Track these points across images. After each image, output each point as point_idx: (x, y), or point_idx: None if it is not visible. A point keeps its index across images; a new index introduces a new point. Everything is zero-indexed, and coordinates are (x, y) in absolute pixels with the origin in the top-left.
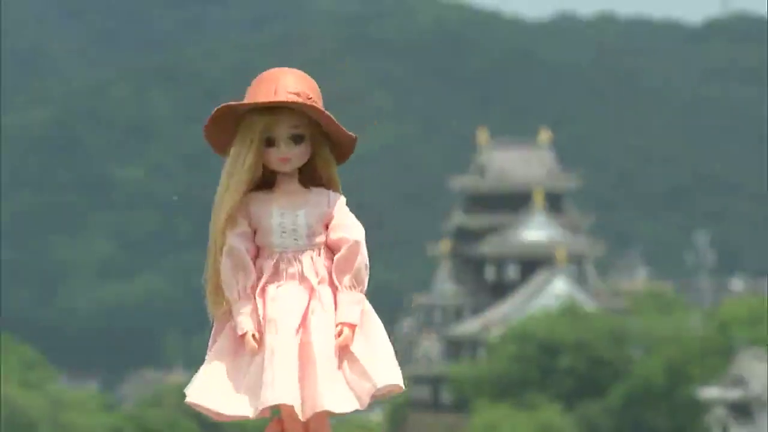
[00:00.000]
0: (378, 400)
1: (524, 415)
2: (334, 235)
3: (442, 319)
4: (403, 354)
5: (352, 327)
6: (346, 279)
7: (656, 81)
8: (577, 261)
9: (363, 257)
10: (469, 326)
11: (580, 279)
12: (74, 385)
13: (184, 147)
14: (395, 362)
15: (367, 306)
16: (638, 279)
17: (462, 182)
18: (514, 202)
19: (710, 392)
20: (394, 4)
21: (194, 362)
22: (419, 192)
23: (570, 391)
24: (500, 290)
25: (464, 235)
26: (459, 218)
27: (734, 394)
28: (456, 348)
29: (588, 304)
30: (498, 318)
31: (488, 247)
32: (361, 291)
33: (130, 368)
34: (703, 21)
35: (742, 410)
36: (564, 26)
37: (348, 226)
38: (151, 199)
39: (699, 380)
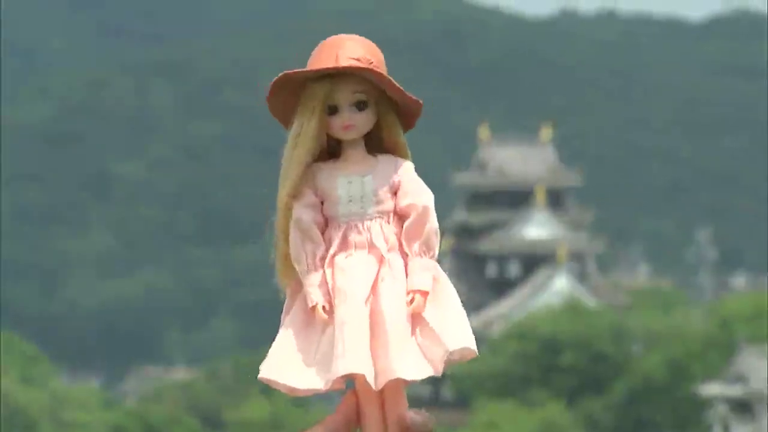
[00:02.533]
0: (452, 365)
1: (526, 412)
2: (402, 201)
3: None
4: None
5: (424, 294)
6: (416, 245)
7: (657, 78)
8: (578, 258)
9: (432, 223)
10: (470, 323)
11: (581, 276)
12: (75, 382)
13: (186, 141)
14: (468, 327)
15: (440, 272)
16: (639, 275)
17: (463, 179)
18: (515, 198)
19: (711, 388)
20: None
21: (195, 358)
22: None
23: (572, 387)
24: (501, 287)
25: (465, 232)
26: (460, 215)
27: (735, 390)
28: None
29: (589, 300)
30: (499, 315)
31: (489, 244)
32: (432, 257)
33: (132, 364)
34: (704, 18)
35: (743, 406)
36: (565, 23)
37: (416, 192)
38: (152, 194)
39: (700, 376)
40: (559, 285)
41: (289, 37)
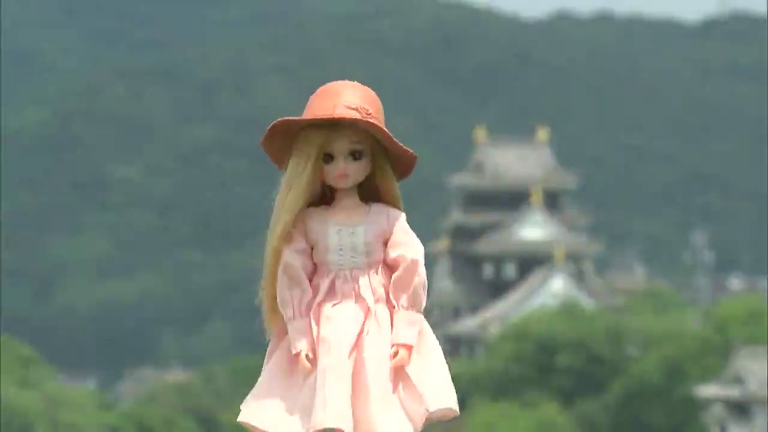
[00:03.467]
0: (432, 422)
1: (523, 414)
2: (392, 253)
3: (439, 317)
4: None
5: (408, 348)
6: (403, 299)
7: (653, 80)
8: (574, 259)
9: (421, 277)
10: (466, 324)
11: (578, 277)
12: (71, 384)
13: (182, 146)
14: (451, 385)
15: (425, 326)
16: (636, 277)
17: (459, 180)
18: (511, 200)
19: (708, 390)
20: (392, 2)
21: (191, 361)
22: (416, 190)
23: (568, 388)
24: (498, 288)
25: (462, 233)
26: (457, 216)
27: (732, 392)
28: (454, 346)
29: (586, 302)
30: (496, 316)
31: (486, 245)
32: (418, 311)
33: (128, 367)
34: (700, 19)
35: (740, 408)
36: (561, 25)
37: (407, 244)
38: (148, 199)
39: (696, 378)
40: (556, 286)
41: (285, 42)
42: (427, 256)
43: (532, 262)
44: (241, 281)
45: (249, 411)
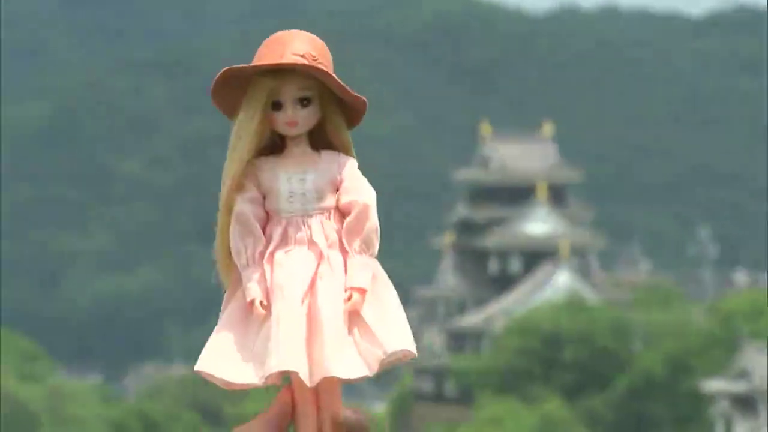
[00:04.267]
0: (388, 367)
1: (528, 409)
2: (344, 198)
3: (445, 311)
4: None
5: (362, 291)
6: (356, 243)
7: (658, 73)
8: (579, 253)
9: (373, 221)
10: (472, 319)
11: (582, 271)
12: (75, 378)
13: (183, 139)
14: (408, 327)
15: (380, 270)
16: (640, 272)
17: (465, 175)
18: (517, 194)
19: (714, 385)
20: None
21: (195, 355)
22: (422, 184)
23: (573, 383)
24: (503, 283)
25: (467, 228)
26: (462, 211)
27: (738, 386)
28: (459, 340)
29: (590, 296)
30: (501, 310)
31: (491, 239)
32: (371, 255)
33: (131, 361)
34: (704, 13)
35: (745, 403)
36: (566, 19)
37: (358, 189)
38: (150, 192)
39: (702, 373)
40: (561, 281)
41: None
42: (432, 251)
43: (537, 256)
44: None
45: (206, 361)
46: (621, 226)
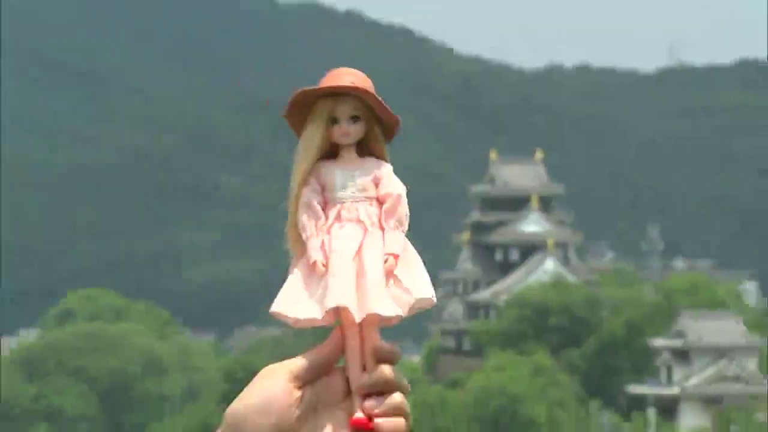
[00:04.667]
0: (415, 311)
1: (523, 360)
2: (382, 191)
3: (463, 289)
4: (435, 315)
5: (396, 256)
6: (391, 222)
7: (622, 118)
8: (562, 247)
9: (404, 207)
10: (483, 295)
11: (564, 260)
12: (196, 337)
13: (277, 160)
14: (429, 283)
15: (408, 243)
16: (606, 260)
17: (477, 189)
18: (516, 204)
19: (659, 342)
20: (425, 60)
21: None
22: (445, 196)
23: (557, 342)
24: (506, 268)
25: (479, 228)
26: (475, 216)
27: (676, 343)
28: (474, 310)
29: (570, 278)
30: (504, 289)
31: (497, 237)
32: (402, 231)
33: (237, 324)
34: (655, 69)
35: (682, 355)
36: (554, 75)
37: (393, 184)
38: (249, 202)
39: (651, 333)
40: (548, 267)
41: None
42: (454, 245)
43: (531, 249)
44: None
45: (278, 304)
46: (593, 227)
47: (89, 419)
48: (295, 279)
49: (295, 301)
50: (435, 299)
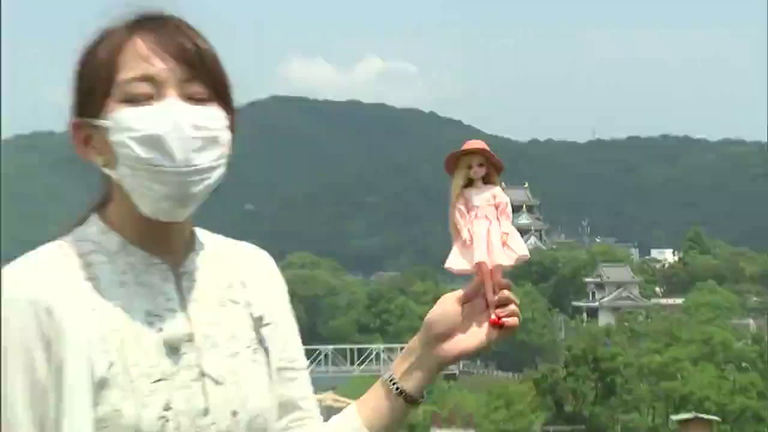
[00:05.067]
0: (518, 263)
1: (517, 288)
2: (497, 200)
3: None
4: None
5: (507, 234)
6: (504, 216)
7: (580, 168)
8: (538, 231)
9: (509, 208)
10: None
11: (539, 238)
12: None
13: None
14: (525, 246)
15: (514, 229)
16: (561, 238)
17: None
18: (514, 210)
19: (588, 279)
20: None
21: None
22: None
23: (536, 278)
24: None
25: None
26: None
27: (597, 280)
28: None
29: (543, 248)
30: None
31: None
32: (509, 220)
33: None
34: (586, 141)
35: (599, 286)
36: (540, 145)
37: (503, 197)
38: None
39: (583, 275)
40: (531, 241)
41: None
42: None
43: (523, 233)
44: (409, 244)
45: (449, 262)
46: (553, 221)
47: None
48: (456, 249)
49: (457, 261)
50: (528, 255)
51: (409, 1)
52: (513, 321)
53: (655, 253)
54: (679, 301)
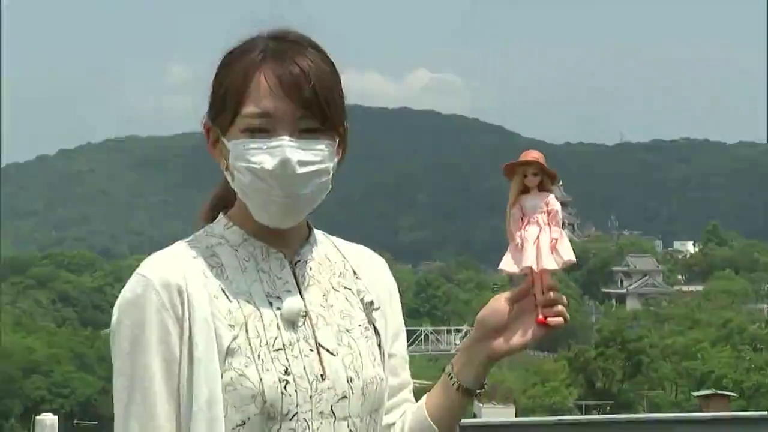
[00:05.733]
0: (565, 267)
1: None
2: (549, 207)
3: None
4: None
5: (556, 240)
6: (554, 222)
7: (593, 170)
8: (572, 225)
9: (560, 214)
10: None
11: (572, 231)
12: None
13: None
14: (572, 250)
15: (563, 231)
16: (592, 231)
17: None
18: None
19: (616, 268)
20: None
21: None
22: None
23: (569, 267)
24: None
25: None
26: None
27: (624, 269)
28: None
29: (576, 239)
30: None
31: None
32: (559, 226)
33: None
34: (615, 143)
35: (627, 274)
36: (577, 148)
37: (555, 204)
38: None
39: (612, 265)
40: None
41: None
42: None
43: None
44: (453, 236)
45: (503, 264)
46: (585, 217)
47: None
48: (509, 252)
49: (509, 263)
50: (575, 259)
51: (453, 19)
52: (558, 321)
53: (677, 244)
54: (699, 288)
